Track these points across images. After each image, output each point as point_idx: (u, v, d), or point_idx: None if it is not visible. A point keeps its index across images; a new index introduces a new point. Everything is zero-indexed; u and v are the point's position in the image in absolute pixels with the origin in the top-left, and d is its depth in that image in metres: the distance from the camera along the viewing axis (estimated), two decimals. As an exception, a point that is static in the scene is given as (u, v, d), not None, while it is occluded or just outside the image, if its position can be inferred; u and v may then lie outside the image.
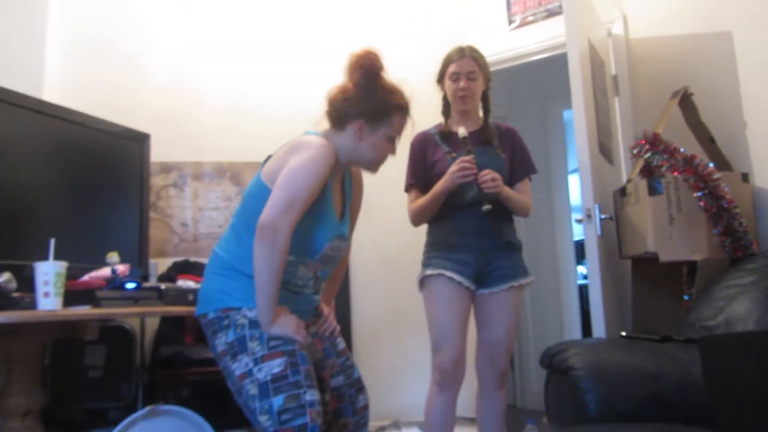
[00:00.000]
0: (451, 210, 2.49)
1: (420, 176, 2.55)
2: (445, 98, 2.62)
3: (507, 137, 2.60)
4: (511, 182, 2.56)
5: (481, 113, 2.63)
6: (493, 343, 2.46)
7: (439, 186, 2.43)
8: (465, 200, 2.45)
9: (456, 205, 2.47)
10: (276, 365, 1.71)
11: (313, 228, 1.87)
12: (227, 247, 1.90)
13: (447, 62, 2.57)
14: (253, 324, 1.76)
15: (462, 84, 2.51)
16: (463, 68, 2.51)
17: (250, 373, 1.71)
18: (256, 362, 1.72)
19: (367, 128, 1.91)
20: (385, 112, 1.91)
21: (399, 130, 1.97)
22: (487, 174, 2.36)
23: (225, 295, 1.81)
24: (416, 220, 2.58)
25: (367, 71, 1.91)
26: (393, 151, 2.00)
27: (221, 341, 1.78)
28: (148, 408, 2.48)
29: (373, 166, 2.00)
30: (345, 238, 2.02)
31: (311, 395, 1.71)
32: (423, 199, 2.50)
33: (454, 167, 2.38)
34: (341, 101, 1.92)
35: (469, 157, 2.38)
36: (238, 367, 1.73)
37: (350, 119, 1.91)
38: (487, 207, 2.35)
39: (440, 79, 2.62)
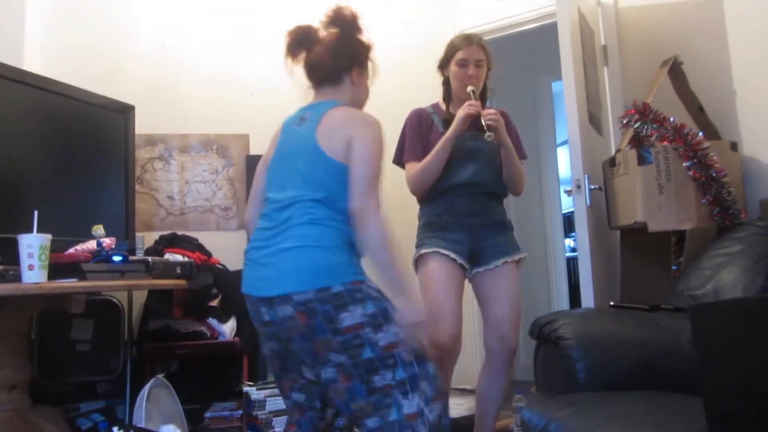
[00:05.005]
0: (442, 191, 2.49)
1: (419, 149, 2.51)
2: (446, 83, 2.60)
3: None
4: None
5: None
6: (500, 319, 2.45)
7: (449, 131, 2.43)
8: (457, 180, 2.46)
9: (448, 186, 2.48)
10: None
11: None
12: (334, 219, 1.83)
13: (453, 49, 2.56)
14: (384, 295, 1.80)
15: (471, 71, 2.51)
16: (472, 55, 2.52)
17: (404, 341, 1.75)
18: None
19: (358, 73, 2.00)
20: (366, 55, 2.02)
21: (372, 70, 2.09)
22: (491, 112, 2.42)
23: (351, 268, 1.79)
24: (421, 181, 2.49)
25: (348, 21, 1.98)
26: None
27: (357, 313, 1.71)
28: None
29: (363, 107, 2.08)
30: None
31: None
32: (430, 154, 2.47)
33: (461, 112, 2.41)
34: (330, 58, 1.96)
35: (474, 101, 2.44)
36: (386, 336, 1.72)
37: (347, 69, 1.98)
38: (489, 135, 2.36)
39: (442, 66, 2.61)
